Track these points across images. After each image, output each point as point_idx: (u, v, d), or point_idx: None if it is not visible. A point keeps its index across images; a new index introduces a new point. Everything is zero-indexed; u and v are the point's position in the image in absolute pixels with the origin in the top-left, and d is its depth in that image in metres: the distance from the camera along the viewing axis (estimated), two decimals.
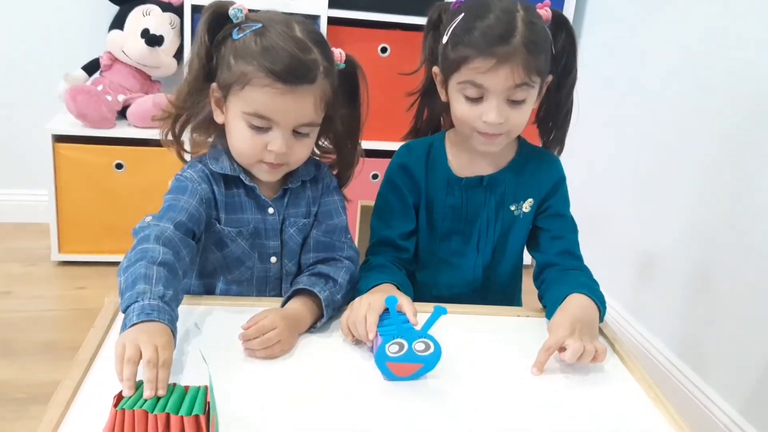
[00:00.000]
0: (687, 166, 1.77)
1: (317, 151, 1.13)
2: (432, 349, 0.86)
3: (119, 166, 2.16)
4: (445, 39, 1.07)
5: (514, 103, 1.03)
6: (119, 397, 0.70)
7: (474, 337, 0.99)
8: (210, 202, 1.02)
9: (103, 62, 2.24)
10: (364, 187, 1.19)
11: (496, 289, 1.21)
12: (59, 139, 2.12)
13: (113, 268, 0.96)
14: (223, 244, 1.04)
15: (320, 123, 1.02)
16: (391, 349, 0.85)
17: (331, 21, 2.14)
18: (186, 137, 1.08)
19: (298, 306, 0.96)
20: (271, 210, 1.05)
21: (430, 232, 1.18)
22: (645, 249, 1.96)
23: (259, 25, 0.96)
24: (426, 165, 1.15)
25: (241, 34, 0.96)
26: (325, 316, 0.97)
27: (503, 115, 1.03)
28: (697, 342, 1.72)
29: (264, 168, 1.00)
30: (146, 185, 2.13)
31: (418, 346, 0.85)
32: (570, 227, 1.17)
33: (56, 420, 0.73)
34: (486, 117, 1.03)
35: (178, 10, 2.22)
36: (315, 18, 2.11)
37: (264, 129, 0.96)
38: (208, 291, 1.10)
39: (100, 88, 2.18)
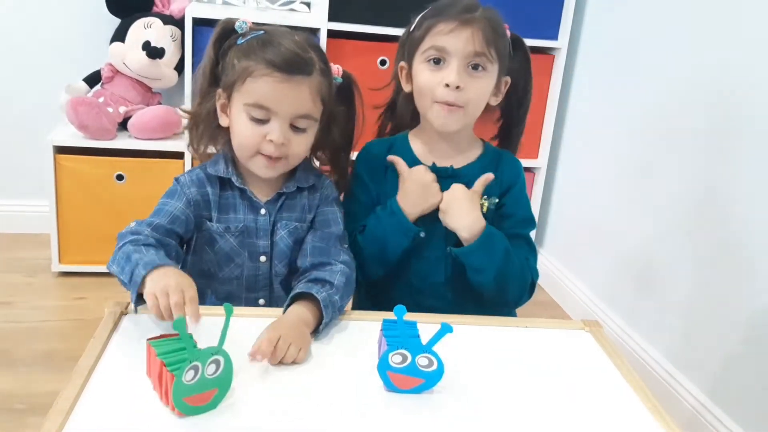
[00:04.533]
0: (684, 177, 1.78)
1: (316, 162, 1.18)
2: (435, 366, 0.85)
3: (120, 177, 2.16)
4: (411, 29, 1.17)
5: (474, 71, 1.10)
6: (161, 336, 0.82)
7: (474, 348, 1.00)
8: (199, 203, 1.08)
9: (104, 74, 2.25)
10: None
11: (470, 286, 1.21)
12: (60, 150, 2.12)
13: (113, 279, 0.98)
14: (213, 240, 1.10)
15: (318, 120, 1.07)
16: (394, 359, 0.85)
17: (331, 34, 2.16)
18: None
19: (298, 309, 0.97)
20: (263, 211, 1.10)
21: None
22: (642, 260, 1.96)
23: (262, 32, 1.05)
24: (387, 153, 1.21)
25: (245, 39, 1.05)
26: (325, 317, 0.98)
27: (463, 80, 1.09)
28: (695, 352, 1.72)
29: (262, 162, 1.05)
30: (147, 196, 2.10)
31: (422, 360, 0.85)
32: (520, 225, 1.21)
33: (54, 431, 0.73)
34: (446, 78, 1.09)
35: (180, 23, 2.24)
36: (315, 31, 2.13)
37: (263, 121, 1.02)
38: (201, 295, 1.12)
39: (101, 99, 2.19)
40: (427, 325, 0.89)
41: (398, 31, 2.21)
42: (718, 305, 1.64)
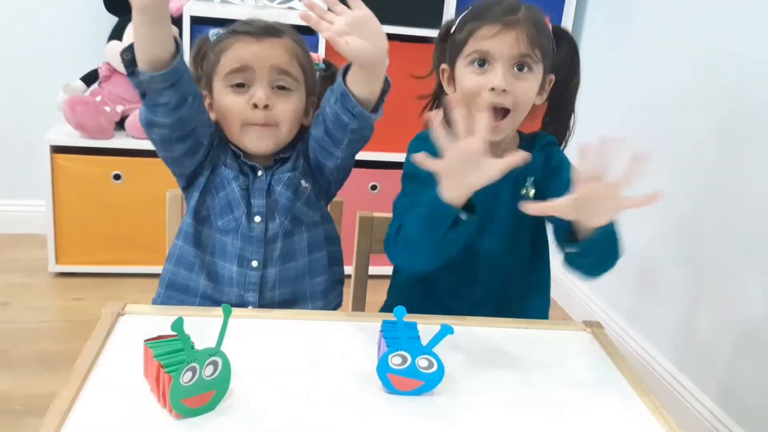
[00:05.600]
0: (686, 176, 1.78)
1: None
2: (435, 368, 0.84)
3: (117, 176, 2.16)
4: (453, 30, 1.13)
5: (519, 72, 1.07)
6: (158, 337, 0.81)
7: (474, 350, 0.99)
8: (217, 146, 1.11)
9: (101, 73, 2.24)
10: (362, 198, 1.19)
11: (520, 281, 1.20)
12: (57, 149, 2.12)
13: (111, 280, 0.97)
14: (221, 186, 1.10)
15: (301, 83, 1.09)
16: (394, 361, 0.84)
17: None
18: None
19: None
20: (260, 173, 1.11)
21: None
22: (644, 261, 1.96)
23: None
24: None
25: (217, 37, 1.09)
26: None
27: (509, 83, 1.06)
28: (697, 353, 1.72)
29: (254, 133, 1.07)
30: (144, 196, 2.13)
31: (422, 362, 0.84)
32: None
33: None
34: (492, 82, 1.06)
35: (177, 22, 2.23)
36: (313, 30, 2.11)
37: (245, 86, 1.05)
38: (197, 239, 1.12)
39: (98, 98, 2.19)
40: (427, 326, 0.88)
41: (399, 30, 2.23)
42: (719, 306, 1.64)
